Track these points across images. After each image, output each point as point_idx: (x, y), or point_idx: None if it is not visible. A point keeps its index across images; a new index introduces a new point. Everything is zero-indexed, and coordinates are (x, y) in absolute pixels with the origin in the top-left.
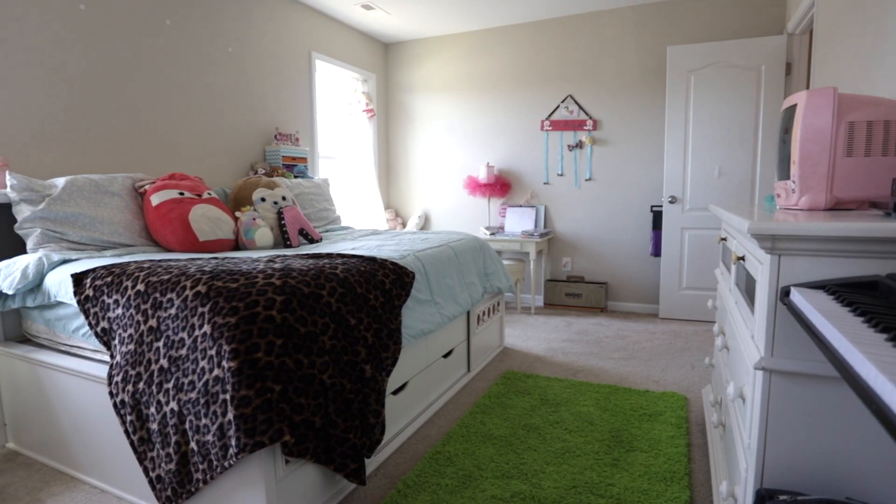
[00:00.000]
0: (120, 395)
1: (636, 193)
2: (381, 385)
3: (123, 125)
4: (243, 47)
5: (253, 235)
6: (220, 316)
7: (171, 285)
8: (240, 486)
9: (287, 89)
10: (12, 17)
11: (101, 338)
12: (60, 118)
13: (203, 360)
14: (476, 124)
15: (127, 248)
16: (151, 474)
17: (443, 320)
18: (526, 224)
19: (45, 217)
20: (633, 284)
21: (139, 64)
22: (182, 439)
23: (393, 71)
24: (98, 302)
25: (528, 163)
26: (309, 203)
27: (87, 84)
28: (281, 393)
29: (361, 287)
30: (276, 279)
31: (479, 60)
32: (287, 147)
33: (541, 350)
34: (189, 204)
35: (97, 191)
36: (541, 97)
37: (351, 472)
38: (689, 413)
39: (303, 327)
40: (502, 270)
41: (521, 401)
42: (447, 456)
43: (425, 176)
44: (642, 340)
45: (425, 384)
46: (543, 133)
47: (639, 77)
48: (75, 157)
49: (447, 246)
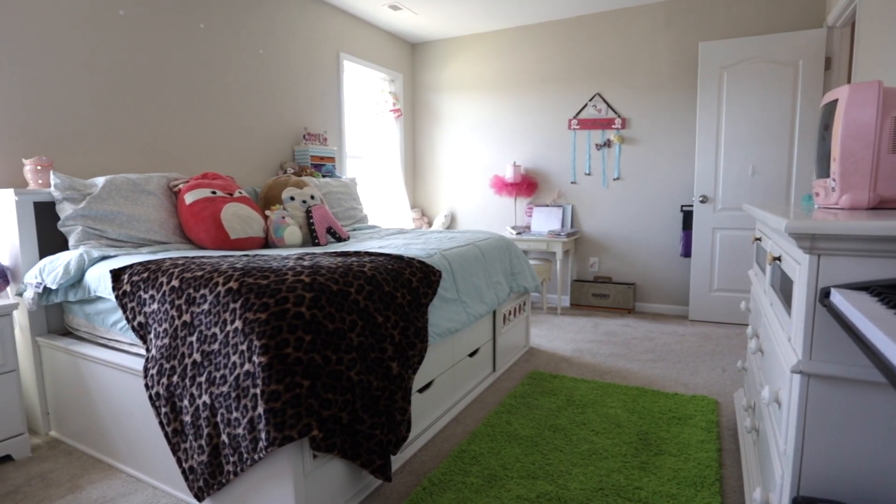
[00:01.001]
0: (155, 388)
1: (665, 193)
2: (407, 383)
3: (159, 126)
4: (273, 49)
5: (282, 233)
6: (251, 312)
7: (204, 281)
8: (269, 479)
9: (315, 90)
10: (57, 25)
11: (137, 332)
12: (100, 120)
13: (234, 355)
14: (503, 123)
15: (162, 246)
16: (184, 465)
17: (469, 319)
18: (552, 224)
19: (86, 215)
20: (661, 285)
21: (174, 67)
22: (214, 432)
23: (420, 71)
24: (135, 297)
25: (555, 162)
26: (337, 202)
27: (125, 87)
28: (309, 388)
29: (389, 285)
30: (306, 276)
31: (506, 59)
32: (315, 147)
33: (567, 351)
34: (221, 202)
35: (134, 190)
36: (568, 96)
37: (377, 468)
38: (720, 417)
39: (331, 324)
40: (528, 270)
41: (547, 401)
42: (472, 455)
43: (451, 175)
44: (671, 342)
45: (451, 383)
46: (571, 132)
47: (669, 74)
48: (114, 157)
49: (474, 245)
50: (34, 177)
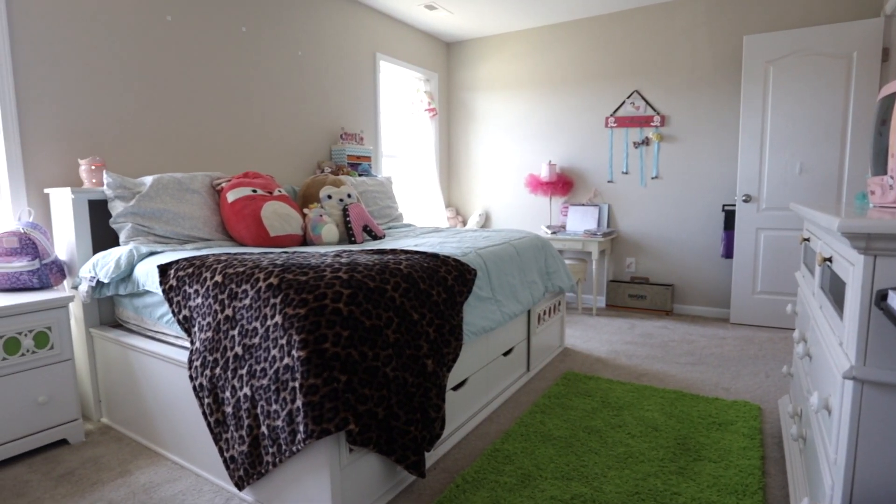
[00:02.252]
0: (199, 379)
1: (706, 192)
2: (442, 380)
3: (202, 126)
4: (312, 51)
5: (320, 231)
6: (291, 307)
7: (245, 277)
8: (306, 471)
9: (352, 90)
10: (110, 33)
11: (182, 325)
12: (149, 121)
13: (274, 349)
14: (538, 122)
15: (205, 242)
16: (226, 454)
17: (503, 318)
18: (588, 223)
19: (135, 212)
20: (701, 287)
21: (217, 69)
22: (254, 423)
23: (455, 70)
24: (180, 291)
25: (592, 161)
26: (372, 200)
27: (172, 89)
28: (346, 383)
29: (424, 283)
30: (343, 273)
31: (542, 57)
32: (352, 146)
33: (602, 352)
34: (261, 201)
35: (180, 188)
36: (605, 93)
37: (411, 464)
38: (764, 424)
39: (368, 320)
40: (564, 270)
41: (581, 402)
42: (506, 454)
43: (486, 174)
44: (711, 346)
45: (485, 381)
46: (608, 130)
47: (711, 69)
48: (161, 157)
49: (509, 244)
50: (88, 176)
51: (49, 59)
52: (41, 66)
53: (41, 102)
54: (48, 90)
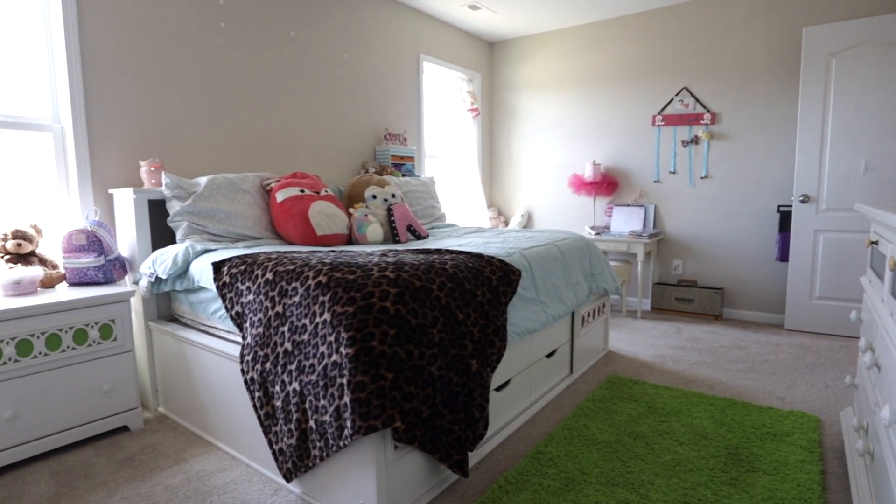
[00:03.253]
0: (250, 373)
1: (760, 192)
2: (486, 380)
3: (253, 128)
4: (357, 53)
5: (365, 231)
6: (339, 305)
7: (295, 275)
8: (352, 466)
9: (396, 91)
10: (167, 40)
11: (234, 320)
12: (203, 123)
13: (323, 346)
14: (582, 121)
15: (255, 240)
16: (275, 447)
17: (548, 319)
18: (634, 224)
19: (191, 212)
20: (753, 291)
21: (267, 73)
22: (302, 417)
23: (497, 69)
24: (233, 288)
25: (638, 160)
26: (416, 200)
27: (224, 93)
28: (393, 381)
29: (469, 283)
30: (390, 272)
31: (587, 55)
32: (396, 147)
33: (648, 356)
34: (309, 200)
35: (232, 188)
36: (652, 91)
37: (454, 463)
38: (823, 437)
39: (414, 319)
40: (609, 271)
41: (626, 407)
42: (549, 457)
43: (528, 174)
44: (764, 352)
45: (528, 383)
46: (655, 129)
47: (766, 64)
48: (214, 158)
49: (553, 245)
50: (148, 177)
51: (114, 69)
52: (107, 75)
53: (106, 109)
54: (113, 97)
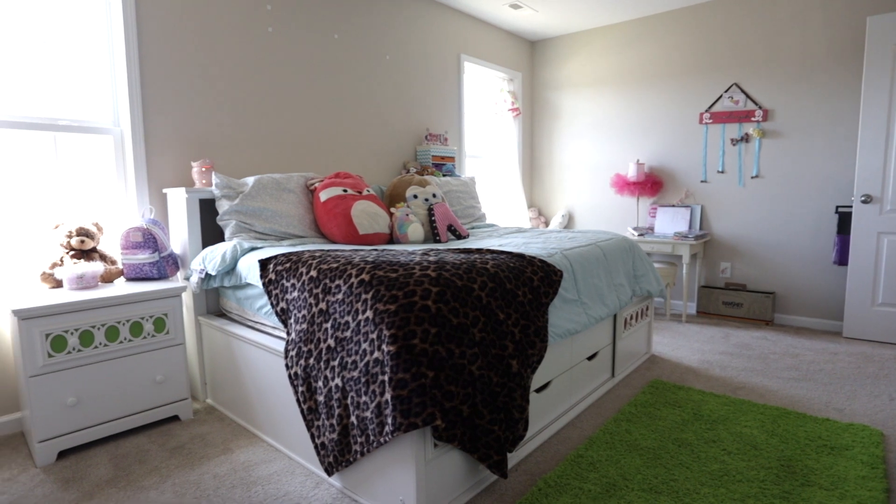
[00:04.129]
0: (293, 368)
1: (816, 192)
2: (526, 381)
3: (297, 129)
4: (399, 54)
5: (406, 230)
6: (382, 303)
7: (338, 273)
8: (392, 463)
9: (437, 92)
10: (218, 45)
11: (279, 316)
12: (250, 125)
13: (365, 343)
14: (625, 120)
15: (300, 239)
16: (317, 441)
17: (589, 321)
18: (679, 225)
19: (239, 210)
20: (807, 296)
21: (311, 75)
22: (344, 413)
23: (539, 68)
24: (278, 285)
25: (683, 159)
26: (456, 200)
27: (270, 95)
28: (434, 379)
29: (510, 283)
30: (432, 271)
31: (631, 52)
32: (436, 147)
33: (693, 361)
34: (351, 200)
35: (278, 188)
36: (700, 87)
37: (494, 463)
38: (887, 452)
39: (455, 318)
40: (653, 273)
41: (670, 413)
42: (590, 461)
43: (570, 174)
44: (820, 361)
45: (568, 385)
46: (702, 126)
47: (824, 57)
48: (261, 158)
49: (595, 245)
50: (199, 177)
51: (169, 75)
52: (162, 81)
53: (161, 113)
54: (167, 102)
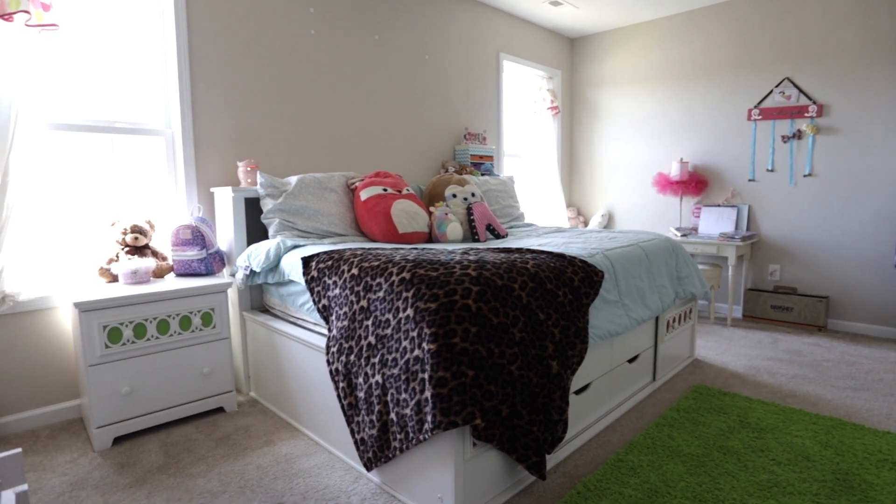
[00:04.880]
0: (335, 364)
1: (876, 191)
2: (566, 382)
3: (339, 129)
4: (438, 54)
5: (445, 229)
6: (422, 301)
7: (379, 271)
8: (431, 460)
9: (476, 91)
10: (262, 47)
11: (321, 313)
12: (293, 125)
13: (405, 341)
14: (668, 117)
15: (341, 237)
16: (356, 436)
17: (631, 323)
18: (724, 225)
19: (282, 209)
20: (866, 301)
21: (352, 76)
22: (384, 409)
23: (578, 66)
24: (321, 282)
25: (730, 157)
26: (495, 200)
27: (313, 96)
28: (473, 378)
29: (551, 283)
30: (472, 270)
31: (674, 48)
32: (475, 146)
33: (739, 366)
34: (391, 199)
35: (319, 187)
36: (748, 83)
37: (532, 464)
38: None
39: (495, 318)
40: (697, 275)
41: (715, 419)
42: (630, 465)
43: (610, 173)
44: (879, 370)
45: (608, 388)
46: (750, 123)
47: (888, 48)
48: (303, 158)
49: (637, 246)
50: (244, 176)
51: (216, 78)
52: (210, 84)
53: (209, 114)
54: (215, 104)
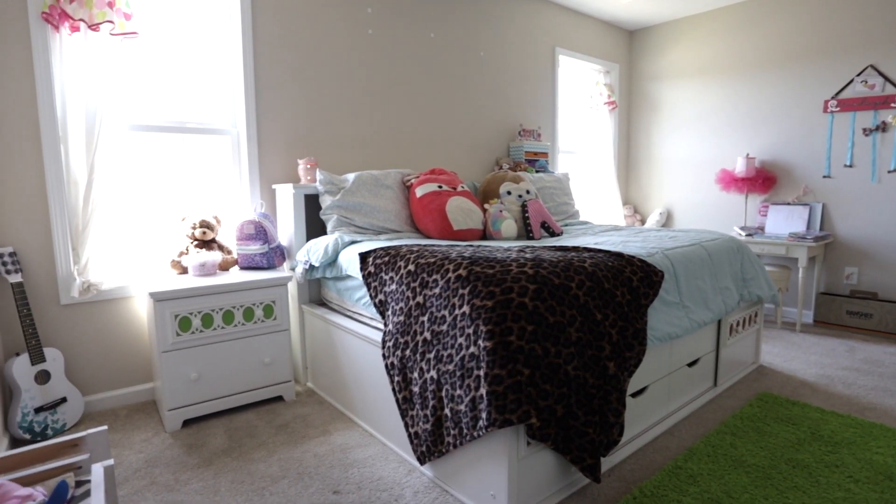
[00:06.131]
0: (390, 359)
1: None
2: (622, 384)
3: (395, 127)
4: (493, 50)
5: (499, 226)
6: (479, 299)
7: (435, 268)
8: (485, 457)
9: (531, 87)
10: (322, 48)
11: (378, 308)
12: (350, 123)
13: (461, 337)
14: (733, 111)
15: (396, 234)
16: (410, 430)
17: (691, 326)
18: (795, 225)
19: (340, 206)
20: None
21: (408, 74)
22: (438, 405)
23: (637, 59)
24: (377, 278)
25: (802, 152)
26: (550, 197)
27: (369, 94)
28: (529, 377)
29: (609, 282)
30: (529, 269)
31: (741, 37)
32: (529, 142)
33: (810, 375)
34: (446, 196)
35: (376, 184)
36: (825, 72)
37: (587, 466)
38: None
39: (552, 317)
40: (764, 277)
41: (782, 430)
42: (690, 474)
43: (669, 169)
44: None
45: (666, 392)
46: (827, 115)
47: None
48: (360, 155)
49: (699, 245)
50: (304, 173)
51: (278, 79)
52: (273, 85)
53: (271, 114)
54: (277, 104)
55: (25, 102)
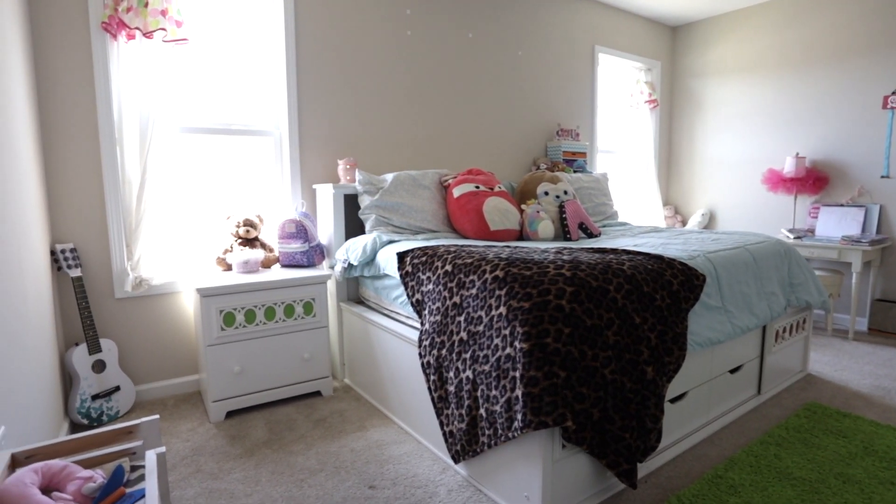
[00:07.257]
0: (426, 357)
1: None
2: (661, 389)
3: (433, 127)
4: (531, 49)
5: (536, 227)
6: (515, 300)
7: (472, 268)
8: (519, 458)
9: (569, 86)
10: (362, 50)
11: (415, 307)
12: (389, 124)
13: (497, 338)
14: (782, 108)
15: (433, 233)
16: (445, 428)
17: (734, 331)
18: (848, 227)
19: (379, 205)
20: None
21: (446, 75)
22: (473, 404)
23: (680, 56)
24: (415, 277)
25: (857, 151)
26: (588, 197)
27: (408, 95)
28: (565, 380)
29: (648, 286)
30: (566, 270)
31: (791, 32)
32: (567, 142)
33: (863, 386)
34: (483, 196)
35: (414, 184)
36: (885, 66)
37: (623, 471)
38: None
39: (589, 320)
40: (813, 282)
41: (832, 442)
42: (731, 484)
43: (712, 169)
44: None
45: (706, 398)
46: (886, 112)
47: None
48: (399, 156)
49: (744, 248)
50: (344, 174)
51: (319, 81)
52: (313, 87)
53: (312, 115)
54: (317, 105)
55: (86, 107)
